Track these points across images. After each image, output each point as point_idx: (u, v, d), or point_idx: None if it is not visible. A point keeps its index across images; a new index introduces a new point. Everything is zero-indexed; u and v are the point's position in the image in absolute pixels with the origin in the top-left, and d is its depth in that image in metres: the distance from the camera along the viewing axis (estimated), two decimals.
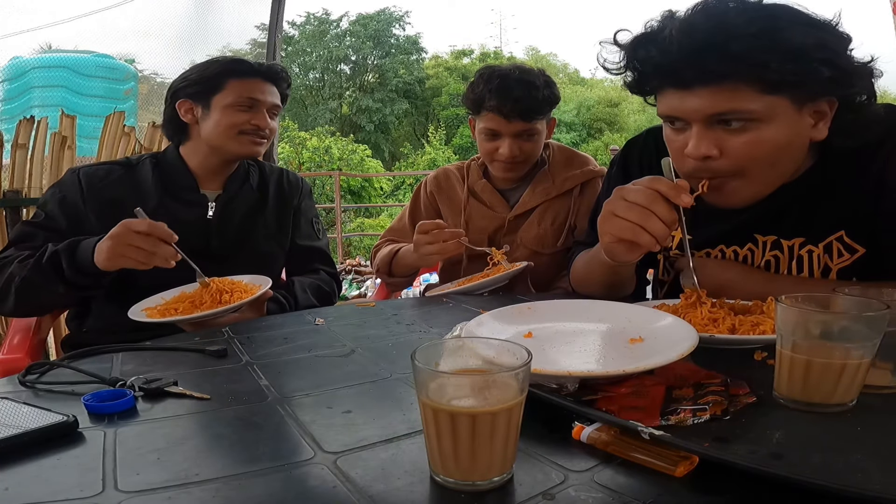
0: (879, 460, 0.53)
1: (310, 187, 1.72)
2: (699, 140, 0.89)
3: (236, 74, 1.48)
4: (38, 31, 5.55)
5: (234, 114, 1.46)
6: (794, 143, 0.89)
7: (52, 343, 1.97)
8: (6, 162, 2.66)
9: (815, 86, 0.84)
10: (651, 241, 0.85)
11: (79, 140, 2.85)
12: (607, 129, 19.51)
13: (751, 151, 0.88)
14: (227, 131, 1.46)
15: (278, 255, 1.58)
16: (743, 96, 0.84)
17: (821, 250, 1.01)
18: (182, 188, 1.49)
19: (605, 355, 0.74)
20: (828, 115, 0.89)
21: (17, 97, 5.93)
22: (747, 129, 0.87)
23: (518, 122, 1.56)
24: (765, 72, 0.82)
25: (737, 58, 0.81)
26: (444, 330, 0.95)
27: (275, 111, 1.54)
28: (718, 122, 0.88)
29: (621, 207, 0.86)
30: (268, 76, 1.51)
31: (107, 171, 1.46)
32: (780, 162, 0.91)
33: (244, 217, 1.51)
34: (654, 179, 0.85)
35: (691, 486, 0.52)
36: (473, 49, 24.43)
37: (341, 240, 7.55)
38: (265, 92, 1.50)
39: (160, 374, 0.82)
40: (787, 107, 0.85)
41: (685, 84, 0.87)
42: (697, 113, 0.88)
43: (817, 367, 0.63)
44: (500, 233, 1.70)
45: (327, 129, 16.50)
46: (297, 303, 1.43)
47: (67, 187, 1.42)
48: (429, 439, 0.54)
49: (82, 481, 0.55)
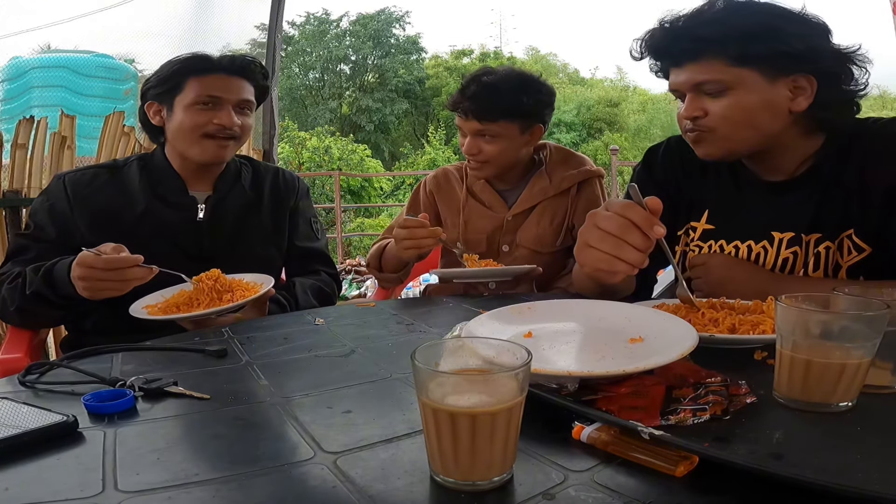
0: (879, 460, 0.53)
1: (307, 187, 1.68)
2: (689, 104, 1.11)
3: (196, 72, 1.41)
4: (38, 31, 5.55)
5: (196, 114, 1.39)
6: (767, 109, 1.06)
7: (52, 343, 1.97)
8: (6, 162, 2.65)
9: (776, 60, 1.03)
10: (627, 269, 0.85)
11: (78, 140, 2.85)
12: (607, 129, 19.48)
13: (726, 112, 1.07)
14: (189, 135, 1.40)
15: (275, 257, 1.54)
16: (715, 69, 1.05)
17: (835, 247, 1.09)
18: (170, 190, 1.45)
19: (605, 355, 0.74)
20: (807, 91, 1.05)
21: (16, 97, 5.93)
22: (724, 95, 1.06)
23: (473, 122, 1.60)
24: (727, 49, 1.03)
25: (704, 39, 1.05)
26: (444, 330, 0.95)
27: (244, 106, 1.46)
28: (703, 91, 1.09)
29: (595, 238, 0.86)
30: (232, 70, 1.43)
31: (92, 176, 1.43)
32: (755, 124, 1.07)
33: (237, 218, 1.48)
34: (627, 207, 0.85)
35: (691, 486, 0.52)
36: (473, 49, 24.45)
37: (341, 240, 7.55)
38: (229, 88, 1.42)
39: (160, 374, 0.82)
40: (757, 78, 1.04)
41: (677, 62, 1.11)
42: (685, 84, 1.10)
43: (817, 367, 0.63)
44: (499, 233, 1.71)
45: (327, 128, 16.49)
46: (298, 304, 1.42)
47: (54, 196, 1.40)
48: (429, 439, 0.54)
49: (82, 481, 0.55)
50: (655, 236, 0.84)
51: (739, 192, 1.20)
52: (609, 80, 25.41)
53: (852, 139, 1.08)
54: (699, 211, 1.24)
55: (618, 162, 7.51)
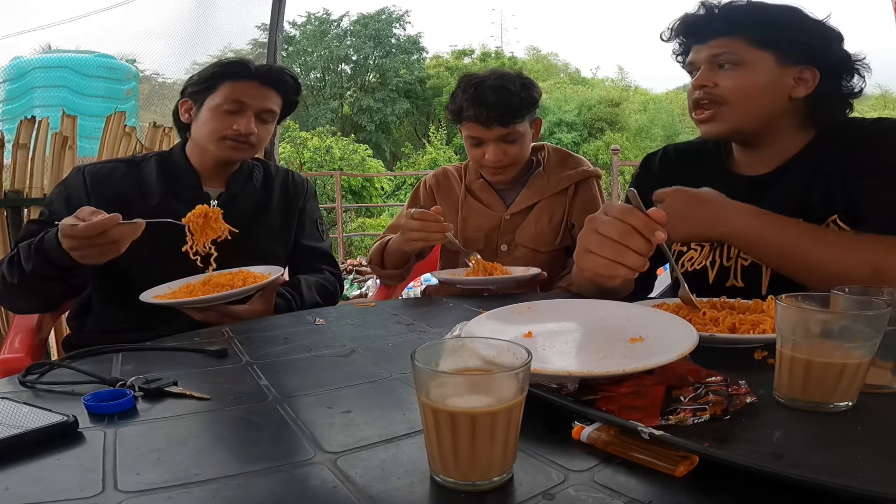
0: (879, 460, 0.53)
1: (314, 189, 1.72)
2: (702, 74, 1.19)
3: (231, 76, 1.46)
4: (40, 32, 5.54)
5: (220, 116, 1.44)
6: (771, 88, 1.15)
7: (54, 343, 1.98)
8: (7, 162, 2.66)
9: (791, 49, 1.13)
10: (628, 273, 0.85)
11: (80, 140, 2.85)
12: (608, 128, 19.47)
13: (735, 84, 1.15)
14: (209, 135, 1.45)
15: (280, 254, 1.58)
16: (736, 46, 1.15)
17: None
18: (185, 186, 1.49)
19: (605, 355, 0.74)
20: (809, 82, 1.14)
21: (18, 97, 5.93)
22: (736, 70, 1.16)
23: (497, 128, 1.60)
24: (753, 31, 1.14)
25: (733, 20, 1.16)
26: (444, 330, 0.95)
27: (267, 116, 1.50)
28: (718, 64, 1.18)
29: (595, 243, 0.86)
30: (266, 80, 1.48)
31: (111, 169, 1.47)
32: (758, 99, 1.15)
33: (247, 215, 1.51)
34: (627, 212, 0.85)
35: (691, 486, 0.52)
36: (474, 49, 24.46)
37: (342, 240, 7.55)
38: (257, 96, 1.47)
39: (160, 374, 0.82)
40: (770, 61, 1.14)
41: (703, 39, 1.21)
42: (705, 57, 1.19)
43: (817, 367, 0.63)
44: (497, 231, 1.73)
45: (328, 128, 16.48)
46: (304, 300, 1.44)
47: (72, 186, 1.43)
48: (429, 439, 0.54)
49: (82, 481, 0.55)
50: (657, 241, 0.84)
51: (732, 193, 1.20)
52: (610, 79, 25.43)
53: (839, 134, 1.15)
54: None
55: (619, 162, 7.51)
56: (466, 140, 1.68)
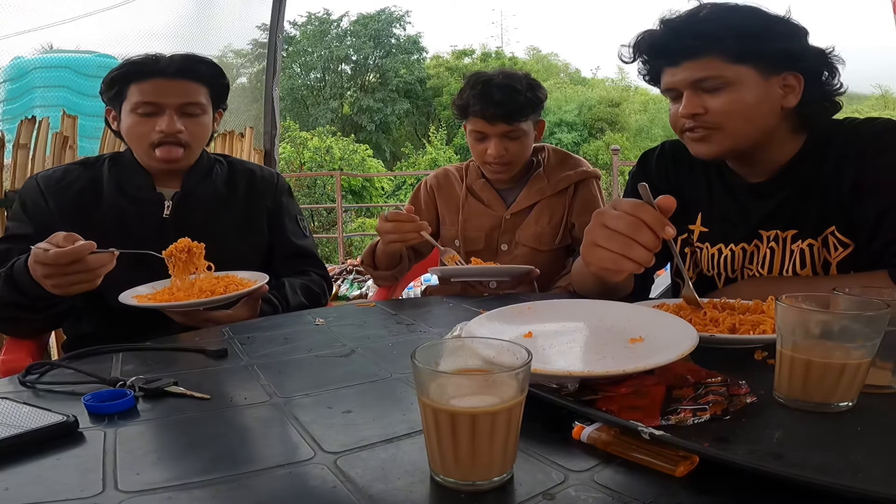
0: (879, 460, 0.53)
1: (288, 185, 1.62)
2: (688, 102, 1.11)
3: (136, 77, 1.35)
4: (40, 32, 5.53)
5: (138, 122, 1.35)
6: (763, 104, 1.09)
7: (54, 343, 1.98)
8: (7, 162, 2.65)
9: (771, 58, 1.07)
10: (635, 267, 0.85)
11: (80, 140, 2.85)
12: (608, 128, 19.47)
13: (727, 108, 1.09)
14: (137, 144, 1.37)
15: (248, 254, 1.47)
16: (715, 66, 1.08)
17: (819, 244, 1.11)
18: (137, 187, 1.41)
19: (605, 355, 0.74)
20: (796, 88, 1.10)
21: (18, 97, 5.93)
22: (723, 91, 1.09)
23: (501, 125, 1.61)
24: (726, 46, 1.06)
25: (706, 36, 1.07)
26: (444, 330, 0.95)
27: (192, 110, 1.38)
28: (702, 88, 1.10)
29: (603, 237, 0.86)
30: (170, 73, 1.35)
31: (64, 172, 1.42)
32: (754, 119, 1.10)
33: (206, 214, 1.43)
34: (637, 206, 0.84)
35: (691, 486, 0.52)
36: (475, 49, 24.46)
37: (342, 240, 7.55)
38: (171, 92, 1.35)
39: (160, 374, 0.82)
40: (754, 75, 1.08)
41: (675, 61, 1.12)
42: (684, 81, 1.11)
43: (817, 367, 0.63)
44: (497, 231, 1.74)
45: (328, 128, 16.51)
46: (289, 303, 1.39)
47: (27, 194, 1.39)
48: (429, 439, 0.54)
49: (82, 481, 0.55)
50: (667, 236, 0.84)
51: (728, 195, 1.22)
52: (610, 80, 25.39)
53: (829, 139, 1.12)
54: (693, 214, 1.25)
55: (619, 162, 7.50)
56: (470, 135, 1.69)
